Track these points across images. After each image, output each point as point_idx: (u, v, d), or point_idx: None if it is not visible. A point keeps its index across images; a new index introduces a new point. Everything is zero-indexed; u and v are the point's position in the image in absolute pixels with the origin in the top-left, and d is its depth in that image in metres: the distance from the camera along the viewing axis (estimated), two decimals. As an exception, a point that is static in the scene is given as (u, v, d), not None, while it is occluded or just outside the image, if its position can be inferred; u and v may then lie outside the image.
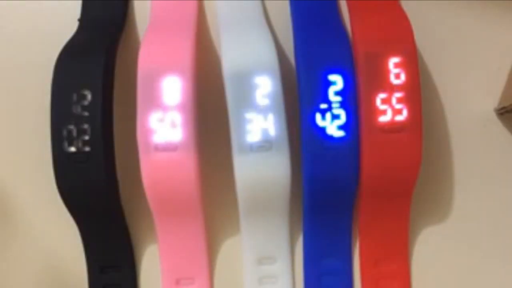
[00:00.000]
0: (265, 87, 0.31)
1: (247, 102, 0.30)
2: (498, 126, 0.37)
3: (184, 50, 0.31)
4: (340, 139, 0.32)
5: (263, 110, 0.31)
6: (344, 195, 0.34)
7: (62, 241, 0.36)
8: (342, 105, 0.31)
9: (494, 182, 0.36)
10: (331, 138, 0.32)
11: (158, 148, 0.31)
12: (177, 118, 0.31)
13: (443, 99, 0.37)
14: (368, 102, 0.32)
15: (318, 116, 0.31)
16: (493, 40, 0.37)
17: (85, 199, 0.32)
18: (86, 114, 0.31)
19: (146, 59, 0.31)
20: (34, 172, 0.36)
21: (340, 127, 0.32)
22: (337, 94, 0.31)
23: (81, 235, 0.35)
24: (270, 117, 0.31)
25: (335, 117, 0.31)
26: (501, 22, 0.37)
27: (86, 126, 0.31)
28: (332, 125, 0.31)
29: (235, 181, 0.31)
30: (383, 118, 0.32)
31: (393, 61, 0.32)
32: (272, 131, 0.31)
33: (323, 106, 0.31)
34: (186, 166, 0.31)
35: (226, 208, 0.35)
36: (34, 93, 0.36)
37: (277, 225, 0.35)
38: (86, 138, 0.31)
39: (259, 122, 0.31)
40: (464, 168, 0.36)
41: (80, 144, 0.31)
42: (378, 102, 0.32)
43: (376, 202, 0.34)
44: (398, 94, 0.32)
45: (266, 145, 0.31)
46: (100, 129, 0.31)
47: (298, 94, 0.32)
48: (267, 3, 0.37)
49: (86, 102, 0.31)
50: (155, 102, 0.31)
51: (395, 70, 0.32)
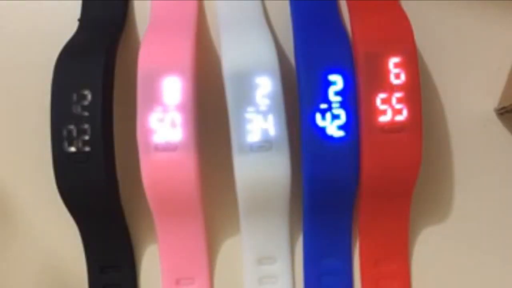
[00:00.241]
0: (265, 87, 0.31)
1: (247, 102, 0.30)
2: (498, 126, 0.37)
3: (184, 50, 0.31)
4: (340, 139, 0.32)
5: (263, 110, 0.31)
6: (344, 195, 0.34)
7: (62, 241, 0.36)
8: (342, 105, 0.31)
9: (494, 182, 0.36)
10: (331, 138, 0.32)
11: (158, 148, 0.31)
12: (177, 118, 0.31)
13: (443, 99, 0.37)
14: (368, 102, 0.32)
15: (318, 116, 0.31)
16: (493, 40, 0.37)
17: (85, 199, 0.32)
18: (86, 114, 0.31)
19: (146, 59, 0.31)
20: (34, 172, 0.36)
21: (340, 127, 0.32)
22: (337, 94, 0.31)
23: (81, 235, 0.35)
24: (270, 117, 0.31)
25: (335, 117, 0.31)
26: (501, 22, 0.37)
27: (86, 126, 0.31)
28: (332, 125, 0.31)
29: (235, 181, 0.31)
30: (383, 118, 0.32)
31: (393, 61, 0.32)
32: (272, 131, 0.31)
33: (323, 106, 0.31)
34: (186, 166, 0.31)
35: (226, 208, 0.35)
36: (34, 93, 0.36)
37: (277, 225, 0.35)
38: (86, 138, 0.31)
39: (259, 122, 0.31)
40: (464, 168, 0.36)
41: (80, 144, 0.31)
42: (378, 102, 0.32)
43: (376, 202, 0.34)
44: (398, 94, 0.32)
45: (266, 145, 0.31)
46: (100, 129, 0.31)
47: (298, 94, 0.32)
48: (267, 3, 0.37)
49: (86, 102, 0.31)
50: (155, 102, 0.31)
51: (395, 70, 0.32)
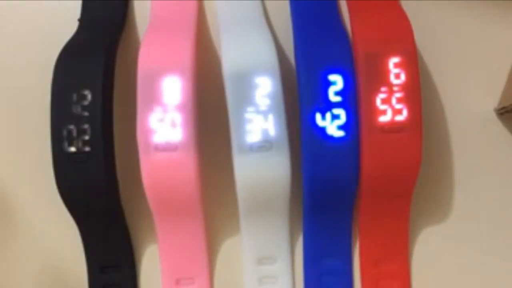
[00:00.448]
0: (265, 87, 0.31)
1: (247, 102, 0.30)
2: (498, 126, 0.37)
3: (184, 50, 0.31)
4: (340, 139, 0.32)
5: (263, 110, 0.31)
6: (344, 195, 0.34)
7: (62, 241, 0.36)
8: (342, 105, 0.31)
9: (494, 182, 0.36)
10: (331, 138, 0.32)
11: (158, 148, 0.31)
12: (177, 118, 0.31)
13: (443, 99, 0.37)
14: (368, 102, 0.32)
15: (318, 116, 0.31)
16: (493, 40, 0.37)
17: (85, 199, 0.32)
18: (86, 114, 0.31)
19: (146, 59, 0.31)
20: (34, 172, 0.36)
21: (340, 127, 0.32)
22: (337, 94, 0.31)
23: (81, 235, 0.35)
24: (270, 117, 0.31)
25: (335, 117, 0.31)
26: (501, 22, 0.37)
27: (86, 126, 0.31)
28: (332, 125, 0.31)
29: (235, 181, 0.31)
30: (383, 118, 0.32)
31: (393, 61, 0.32)
32: (272, 131, 0.31)
33: (323, 106, 0.31)
34: (186, 166, 0.31)
35: (226, 208, 0.35)
36: (34, 93, 0.36)
37: (277, 225, 0.35)
38: (86, 138, 0.31)
39: (259, 122, 0.31)
40: (464, 168, 0.36)
41: (80, 144, 0.31)
42: (378, 102, 0.32)
43: (376, 202, 0.34)
44: (398, 94, 0.32)
45: (266, 145, 0.31)
46: (100, 129, 0.31)
47: (298, 94, 0.32)
48: (267, 3, 0.37)
49: (86, 102, 0.31)
50: (155, 102, 0.31)
51: (395, 70, 0.32)
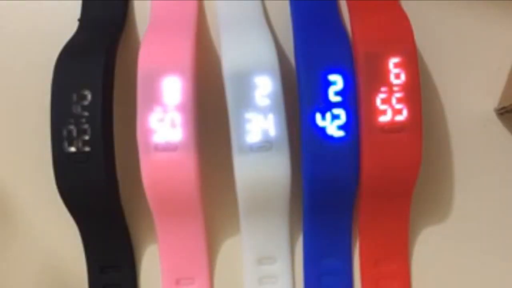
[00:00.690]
0: (265, 87, 0.31)
1: (247, 102, 0.30)
2: (498, 126, 0.37)
3: (184, 50, 0.31)
4: (340, 139, 0.32)
5: (263, 110, 0.31)
6: (344, 195, 0.34)
7: (62, 241, 0.36)
8: (342, 105, 0.31)
9: (494, 182, 0.36)
10: (331, 138, 0.32)
11: (158, 148, 0.31)
12: (177, 118, 0.31)
13: (443, 99, 0.37)
14: (368, 102, 0.32)
15: (318, 116, 0.31)
16: (493, 40, 0.37)
17: (85, 199, 0.32)
18: (86, 114, 0.31)
19: (146, 59, 0.31)
20: (34, 172, 0.36)
21: (340, 127, 0.32)
22: (337, 94, 0.31)
23: (81, 235, 0.35)
24: (270, 117, 0.31)
25: (335, 117, 0.31)
26: (501, 22, 0.37)
27: (86, 126, 0.31)
28: (332, 125, 0.31)
29: (235, 181, 0.31)
30: (383, 118, 0.32)
31: (393, 61, 0.32)
32: (272, 131, 0.31)
33: (323, 106, 0.31)
34: (186, 166, 0.31)
35: (226, 208, 0.35)
36: (34, 93, 0.36)
37: (277, 225, 0.35)
38: (86, 138, 0.31)
39: (259, 122, 0.31)
40: (464, 168, 0.36)
41: (80, 144, 0.31)
42: (378, 102, 0.32)
43: (376, 202, 0.34)
44: (398, 94, 0.32)
45: (266, 145, 0.31)
46: (100, 129, 0.31)
47: (298, 94, 0.32)
48: (267, 3, 0.37)
49: (86, 102, 0.31)
50: (155, 102, 0.31)
51: (395, 70, 0.32)
